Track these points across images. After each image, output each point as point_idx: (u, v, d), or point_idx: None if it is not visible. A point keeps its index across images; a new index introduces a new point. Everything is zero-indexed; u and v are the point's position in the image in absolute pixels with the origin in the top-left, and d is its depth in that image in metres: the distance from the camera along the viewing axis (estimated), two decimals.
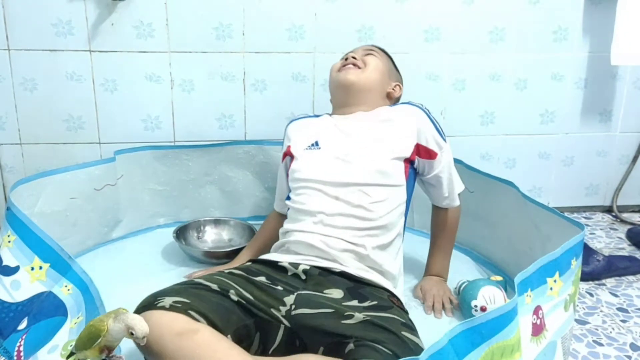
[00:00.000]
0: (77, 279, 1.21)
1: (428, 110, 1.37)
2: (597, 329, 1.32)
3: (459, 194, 1.40)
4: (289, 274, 1.15)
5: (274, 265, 1.18)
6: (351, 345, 0.93)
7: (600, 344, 1.26)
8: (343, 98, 1.40)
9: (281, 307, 1.05)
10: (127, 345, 1.03)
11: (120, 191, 1.66)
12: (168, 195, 1.76)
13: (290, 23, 1.74)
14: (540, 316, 1.00)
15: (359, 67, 1.38)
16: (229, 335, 0.97)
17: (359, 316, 1.00)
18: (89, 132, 1.74)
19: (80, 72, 1.68)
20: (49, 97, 1.69)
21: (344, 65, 1.40)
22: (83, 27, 1.65)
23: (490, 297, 1.22)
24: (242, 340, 1.00)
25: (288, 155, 1.40)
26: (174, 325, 0.92)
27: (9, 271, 1.17)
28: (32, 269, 1.19)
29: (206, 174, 1.78)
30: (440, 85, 1.86)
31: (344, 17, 1.76)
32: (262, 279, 1.12)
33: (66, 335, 1.13)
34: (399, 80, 1.50)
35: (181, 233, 1.63)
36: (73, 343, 0.99)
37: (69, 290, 1.20)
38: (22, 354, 1.08)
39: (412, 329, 1.02)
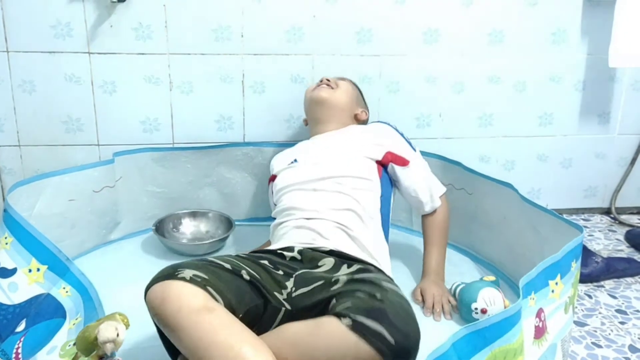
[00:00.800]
0: (75, 281, 1.21)
1: (396, 126, 1.55)
2: (595, 331, 1.32)
3: (441, 196, 1.48)
4: (287, 259, 1.19)
5: (273, 252, 1.21)
6: (333, 301, 0.97)
7: (599, 346, 1.26)
8: (316, 114, 1.57)
9: (283, 291, 1.08)
10: (125, 347, 1.03)
11: (118, 193, 1.66)
12: (166, 197, 1.76)
13: (289, 25, 1.74)
14: (542, 319, 1.00)
15: (332, 87, 1.56)
16: (240, 315, 0.98)
17: (344, 278, 1.05)
18: (87, 134, 1.74)
19: (79, 74, 1.68)
20: (48, 99, 1.69)
21: (318, 85, 1.58)
22: (82, 29, 1.65)
23: (491, 299, 1.22)
24: (251, 320, 1.00)
25: (271, 180, 1.53)
26: (193, 300, 0.92)
27: (6, 273, 1.17)
28: (30, 271, 1.19)
29: (205, 175, 1.78)
30: (439, 87, 1.87)
31: (343, 19, 1.76)
32: (266, 262, 1.14)
33: (65, 336, 1.13)
34: (365, 108, 1.66)
35: (160, 227, 1.65)
36: (72, 342, 0.99)
37: (67, 292, 1.20)
38: (20, 356, 1.07)
39: (393, 283, 1.06)
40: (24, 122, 1.70)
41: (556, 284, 1.04)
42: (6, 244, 1.19)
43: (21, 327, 1.13)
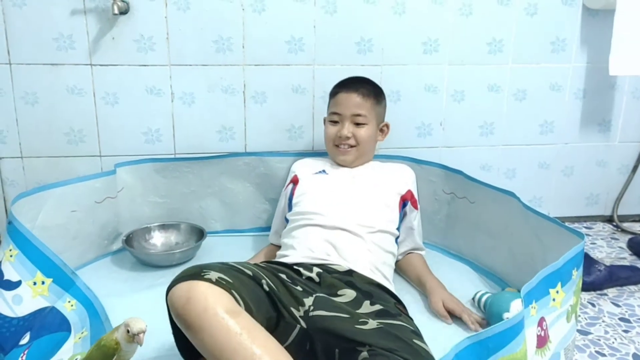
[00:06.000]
0: (81, 295, 1.21)
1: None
2: (599, 340, 1.32)
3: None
4: (304, 277, 1.18)
5: (289, 267, 1.21)
6: (365, 354, 0.94)
7: (603, 355, 1.25)
8: (337, 162, 1.58)
9: (300, 308, 1.07)
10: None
11: (120, 204, 1.66)
12: (168, 207, 1.76)
13: (289, 35, 1.75)
14: (544, 328, 1.00)
15: (353, 146, 1.52)
16: None
17: (373, 323, 1.03)
18: (89, 145, 1.74)
19: (81, 86, 1.69)
20: (50, 111, 1.69)
21: (341, 145, 1.53)
22: (84, 41, 1.66)
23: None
24: None
25: (292, 182, 1.55)
26: (220, 302, 0.91)
27: (11, 286, 1.17)
28: (35, 283, 1.19)
29: (206, 186, 1.78)
30: (440, 96, 1.87)
31: (343, 30, 1.77)
32: (284, 276, 1.13)
33: (70, 350, 1.13)
34: (383, 116, 1.62)
35: (130, 239, 1.64)
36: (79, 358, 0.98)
37: (72, 306, 1.20)
38: None
39: (420, 336, 1.05)
40: (26, 133, 1.71)
41: (557, 292, 1.04)
42: (11, 256, 1.19)
43: (25, 339, 1.13)
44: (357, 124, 1.52)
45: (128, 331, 0.93)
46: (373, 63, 1.80)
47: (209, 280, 0.94)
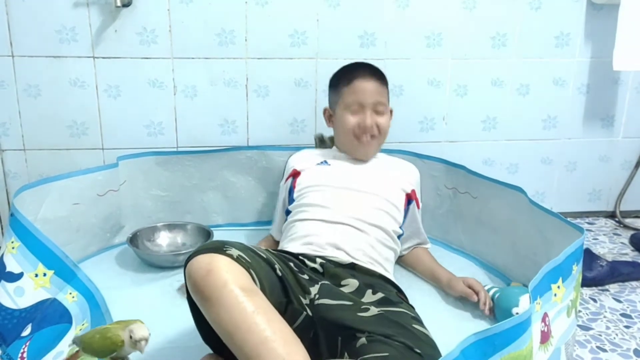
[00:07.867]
0: (82, 287, 1.21)
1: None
2: (600, 335, 1.32)
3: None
4: (309, 267, 1.18)
5: (294, 256, 1.21)
6: (363, 340, 0.95)
7: (604, 350, 1.25)
8: (354, 155, 1.52)
9: (306, 296, 1.07)
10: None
11: (123, 197, 1.66)
12: (171, 200, 1.77)
13: (292, 29, 1.74)
14: (547, 323, 1.00)
15: (374, 137, 1.47)
16: None
17: (374, 310, 1.04)
18: (92, 138, 1.74)
19: (83, 78, 1.69)
20: (53, 103, 1.70)
21: (363, 135, 1.45)
22: (87, 33, 1.66)
23: None
24: None
25: (292, 176, 1.51)
26: (239, 279, 0.91)
27: (13, 277, 1.17)
28: (36, 275, 1.19)
29: (209, 179, 1.78)
30: (442, 90, 1.87)
31: (346, 23, 1.76)
32: (292, 264, 1.14)
33: (71, 341, 1.13)
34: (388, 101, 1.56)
35: (135, 239, 1.60)
36: (79, 339, 0.98)
37: (73, 297, 1.20)
38: None
39: (420, 322, 1.07)
40: (29, 126, 1.71)
41: (558, 287, 1.04)
42: (13, 248, 1.19)
43: (27, 331, 1.13)
44: (377, 112, 1.46)
45: (131, 336, 0.93)
46: (376, 57, 1.80)
47: (231, 257, 0.94)
